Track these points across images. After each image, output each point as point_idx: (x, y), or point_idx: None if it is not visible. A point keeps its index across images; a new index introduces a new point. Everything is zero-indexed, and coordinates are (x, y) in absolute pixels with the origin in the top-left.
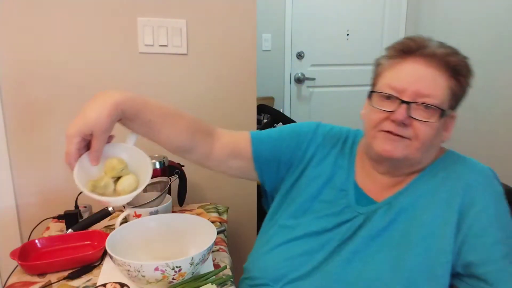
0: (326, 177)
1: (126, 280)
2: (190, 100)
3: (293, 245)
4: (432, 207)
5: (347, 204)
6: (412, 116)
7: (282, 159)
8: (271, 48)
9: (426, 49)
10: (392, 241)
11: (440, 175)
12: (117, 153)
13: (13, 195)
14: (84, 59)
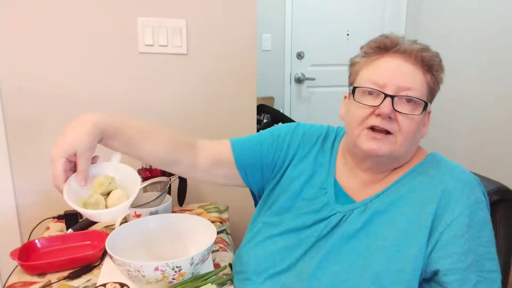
0: (307, 175)
1: (126, 280)
2: (190, 100)
3: (275, 241)
4: (407, 211)
5: (327, 202)
6: (396, 109)
7: (265, 162)
8: (271, 48)
9: (401, 45)
10: (364, 243)
11: (418, 179)
12: (103, 171)
13: (13, 195)
14: (84, 59)
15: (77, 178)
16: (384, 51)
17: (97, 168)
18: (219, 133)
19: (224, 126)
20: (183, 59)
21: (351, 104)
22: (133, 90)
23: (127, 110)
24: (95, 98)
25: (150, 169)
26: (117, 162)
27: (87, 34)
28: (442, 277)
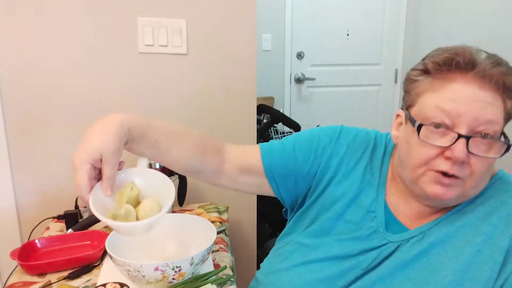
0: (352, 194)
1: (126, 280)
2: (190, 100)
3: (313, 268)
4: (473, 241)
5: (376, 228)
6: (471, 151)
7: (300, 174)
8: (271, 48)
9: (478, 66)
10: (421, 276)
11: (487, 205)
12: (131, 179)
13: (13, 195)
14: (84, 59)
15: (102, 187)
16: (455, 72)
17: (124, 174)
18: (219, 133)
19: (224, 126)
20: (183, 59)
21: (411, 137)
22: (133, 90)
23: (127, 110)
24: (95, 98)
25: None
26: (144, 168)
27: (87, 34)
28: None
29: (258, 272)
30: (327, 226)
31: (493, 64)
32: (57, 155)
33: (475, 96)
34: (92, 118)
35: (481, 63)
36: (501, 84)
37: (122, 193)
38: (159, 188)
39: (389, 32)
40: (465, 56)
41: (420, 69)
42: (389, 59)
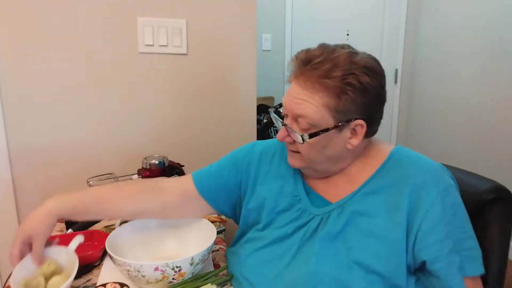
0: (276, 188)
1: (126, 280)
2: (190, 100)
3: (262, 253)
4: (382, 210)
5: (303, 208)
6: (290, 135)
7: (230, 187)
8: (271, 48)
9: (308, 65)
10: (346, 244)
11: (387, 178)
12: (57, 254)
13: (13, 195)
14: (84, 59)
15: (31, 258)
16: (294, 73)
17: (52, 251)
18: (219, 133)
19: (224, 126)
20: (183, 59)
21: None
22: (133, 90)
23: (127, 110)
24: (95, 97)
25: (150, 169)
26: (74, 247)
27: (87, 34)
28: (430, 266)
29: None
30: (268, 220)
31: (314, 62)
32: (57, 155)
33: (294, 94)
34: (92, 118)
35: (305, 63)
36: (317, 82)
37: (41, 267)
38: (71, 265)
39: (389, 32)
40: (299, 59)
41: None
42: (389, 59)
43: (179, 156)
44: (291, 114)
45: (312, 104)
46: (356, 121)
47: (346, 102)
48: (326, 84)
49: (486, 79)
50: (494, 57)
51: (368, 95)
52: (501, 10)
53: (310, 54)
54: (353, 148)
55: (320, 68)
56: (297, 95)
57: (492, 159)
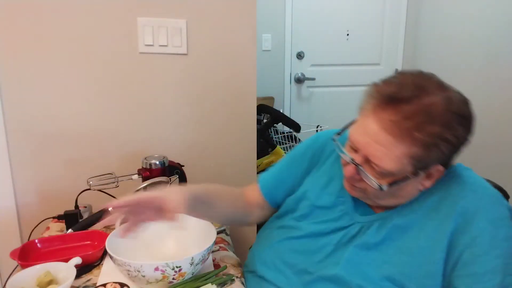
0: (323, 183)
1: (126, 280)
2: (190, 100)
3: (294, 243)
4: (425, 228)
5: (346, 211)
6: (361, 175)
7: (290, 185)
8: (271, 48)
9: (397, 107)
10: (382, 257)
11: (439, 195)
12: (55, 268)
13: (13, 195)
14: (84, 59)
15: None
16: (378, 106)
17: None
18: (219, 133)
19: (224, 126)
20: (183, 59)
21: None
22: (133, 90)
23: (127, 110)
24: (95, 98)
25: (150, 169)
26: (72, 264)
27: (87, 34)
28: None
29: (247, 259)
30: (305, 212)
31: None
32: (57, 155)
33: (375, 136)
34: (92, 118)
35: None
36: (406, 131)
37: (38, 277)
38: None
39: (389, 32)
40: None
41: (370, 94)
42: (389, 59)
43: (179, 156)
44: (364, 155)
45: (393, 154)
46: (436, 167)
47: (435, 154)
48: (418, 138)
49: (486, 79)
50: (494, 57)
51: (459, 146)
52: (501, 10)
53: (397, 94)
54: (425, 188)
55: (413, 119)
56: (377, 138)
57: (492, 160)
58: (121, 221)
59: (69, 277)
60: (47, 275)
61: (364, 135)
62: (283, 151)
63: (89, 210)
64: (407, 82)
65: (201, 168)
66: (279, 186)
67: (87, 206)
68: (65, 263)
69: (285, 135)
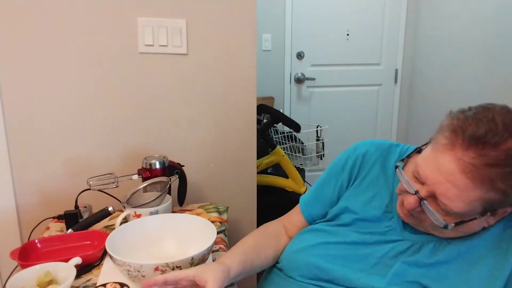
0: (365, 198)
1: (126, 280)
2: (190, 100)
3: (330, 247)
4: (486, 259)
5: (393, 227)
6: (423, 208)
7: (331, 201)
8: (271, 48)
9: (480, 149)
10: (437, 277)
11: (502, 222)
12: (55, 268)
13: (13, 195)
14: (84, 59)
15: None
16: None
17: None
18: (219, 133)
19: (224, 126)
20: (183, 59)
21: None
22: (133, 90)
23: (127, 110)
24: (95, 98)
25: (150, 169)
26: (72, 264)
27: (87, 34)
28: None
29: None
30: (347, 222)
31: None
32: (57, 155)
33: (450, 176)
34: (92, 118)
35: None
36: (485, 176)
37: (38, 277)
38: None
39: (389, 32)
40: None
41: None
42: (389, 59)
43: (179, 156)
44: (432, 192)
45: (467, 197)
46: (504, 209)
47: (506, 199)
48: (500, 188)
49: (486, 79)
50: (494, 57)
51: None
52: (501, 10)
53: (485, 137)
54: (489, 225)
55: (499, 168)
56: (453, 179)
57: None
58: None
59: (69, 277)
60: (47, 275)
61: (436, 172)
62: (283, 151)
63: (89, 210)
64: (496, 123)
65: (201, 168)
66: (317, 201)
67: (87, 206)
68: (65, 263)
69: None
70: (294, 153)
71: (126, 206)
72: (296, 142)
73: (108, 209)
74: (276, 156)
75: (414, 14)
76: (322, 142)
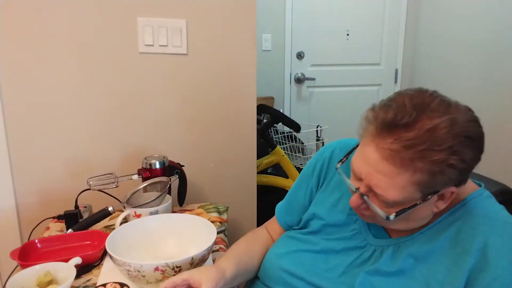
0: (332, 201)
1: (126, 280)
2: (190, 100)
3: (301, 256)
4: (443, 261)
5: (358, 230)
6: (367, 203)
7: (304, 206)
8: (271, 48)
9: (396, 133)
10: (398, 285)
11: (457, 226)
12: (55, 268)
13: (13, 195)
14: (84, 59)
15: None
16: (379, 132)
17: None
18: (219, 132)
19: (224, 126)
20: (183, 59)
21: None
22: (133, 90)
23: (127, 110)
24: (95, 98)
25: (150, 169)
26: (72, 264)
27: (87, 34)
28: None
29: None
30: (315, 229)
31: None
32: (57, 155)
33: (377, 166)
34: (92, 118)
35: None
36: (408, 160)
37: (38, 277)
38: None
39: (389, 32)
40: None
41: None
42: (389, 59)
43: (179, 156)
44: (367, 185)
45: (397, 183)
46: (447, 189)
47: (441, 180)
48: (422, 166)
49: (486, 79)
50: (494, 57)
51: (469, 169)
52: (501, 10)
53: (395, 120)
54: (439, 210)
55: (415, 148)
56: (379, 168)
57: (493, 159)
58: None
59: (69, 277)
60: (47, 275)
61: (365, 164)
62: (283, 151)
63: (89, 210)
64: (404, 105)
65: (201, 168)
66: (290, 208)
67: (87, 206)
68: (65, 263)
69: (285, 135)
70: (294, 153)
71: (126, 206)
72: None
73: (108, 209)
74: (276, 156)
75: (414, 14)
76: (322, 142)
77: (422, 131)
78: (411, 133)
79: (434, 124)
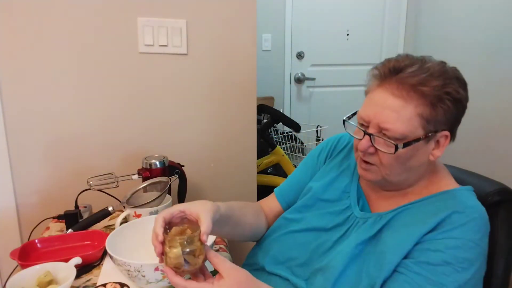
0: (330, 178)
1: (126, 280)
2: (190, 100)
3: (295, 237)
4: (410, 227)
5: (349, 204)
6: (375, 145)
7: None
8: (271, 48)
9: (400, 73)
10: (372, 249)
11: (433, 206)
12: (55, 268)
13: (13, 195)
14: (84, 59)
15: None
16: (383, 79)
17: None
18: (219, 133)
19: (224, 126)
20: (183, 59)
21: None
22: (133, 90)
23: (127, 110)
24: (95, 97)
25: (150, 169)
26: (72, 264)
27: (87, 34)
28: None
29: (250, 252)
30: (309, 203)
31: (416, 71)
32: (57, 155)
33: (385, 103)
34: (92, 118)
35: (406, 70)
36: (415, 91)
37: (38, 277)
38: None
39: (389, 32)
40: (397, 63)
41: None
42: None
43: (179, 156)
44: (376, 125)
45: (404, 116)
46: (442, 132)
47: (440, 112)
48: (424, 92)
49: (486, 79)
50: (494, 57)
51: (460, 107)
52: (502, 10)
53: (400, 63)
54: (435, 159)
55: (417, 76)
56: (386, 104)
57: (494, 159)
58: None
59: (69, 277)
60: (47, 275)
61: (374, 106)
62: (283, 151)
63: (89, 210)
64: (405, 55)
65: (201, 168)
66: (292, 188)
67: (87, 206)
68: (65, 263)
69: (285, 135)
70: (294, 153)
71: (126, 206)
72: (296, 142)
73: (108, 209)
74: (276, 156)
75: (414, 14)
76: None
77: (422, 67)
78: (413, 68)
79: (432, 63)
